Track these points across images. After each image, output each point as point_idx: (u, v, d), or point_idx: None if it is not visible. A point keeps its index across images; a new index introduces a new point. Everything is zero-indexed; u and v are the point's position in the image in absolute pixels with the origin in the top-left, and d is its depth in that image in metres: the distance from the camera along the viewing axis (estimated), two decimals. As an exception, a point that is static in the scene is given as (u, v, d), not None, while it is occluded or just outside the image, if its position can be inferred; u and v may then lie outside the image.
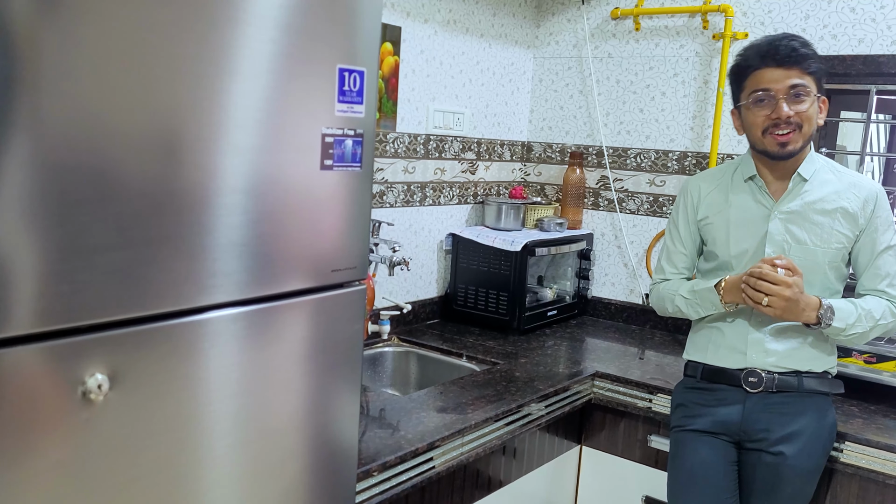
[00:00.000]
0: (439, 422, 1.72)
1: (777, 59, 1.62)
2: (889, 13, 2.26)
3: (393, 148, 2.41)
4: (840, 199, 1.70)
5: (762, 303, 1.62)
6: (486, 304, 2.59)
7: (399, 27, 2.35)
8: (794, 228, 1.70)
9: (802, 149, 1.68)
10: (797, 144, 1.65)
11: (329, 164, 1.17)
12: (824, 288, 1.71)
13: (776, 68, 1.63)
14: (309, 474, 1.25)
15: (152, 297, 0.97)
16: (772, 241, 1.71)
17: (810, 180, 1.71)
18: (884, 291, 1.72)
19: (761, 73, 1.64)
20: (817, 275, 1.70)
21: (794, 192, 1.72)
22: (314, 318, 1.21)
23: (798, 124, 1.64)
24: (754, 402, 1.71)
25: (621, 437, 2.21)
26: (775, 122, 1.64)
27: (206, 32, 0.98)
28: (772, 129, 1.65)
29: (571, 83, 2.92)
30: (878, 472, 1.78)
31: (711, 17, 2.57)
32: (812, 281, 1.70)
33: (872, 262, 1.72)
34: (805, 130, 1.65)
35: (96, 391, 0.91)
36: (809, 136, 1.67)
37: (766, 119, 1.65)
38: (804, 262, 1.69)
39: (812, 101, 1.64)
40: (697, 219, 1.83)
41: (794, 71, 1.62)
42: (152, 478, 1.01)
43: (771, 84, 1.63)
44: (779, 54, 1.62)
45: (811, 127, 1.66)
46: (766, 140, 1.67)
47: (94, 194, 0.89)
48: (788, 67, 1.62)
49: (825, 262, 1.70)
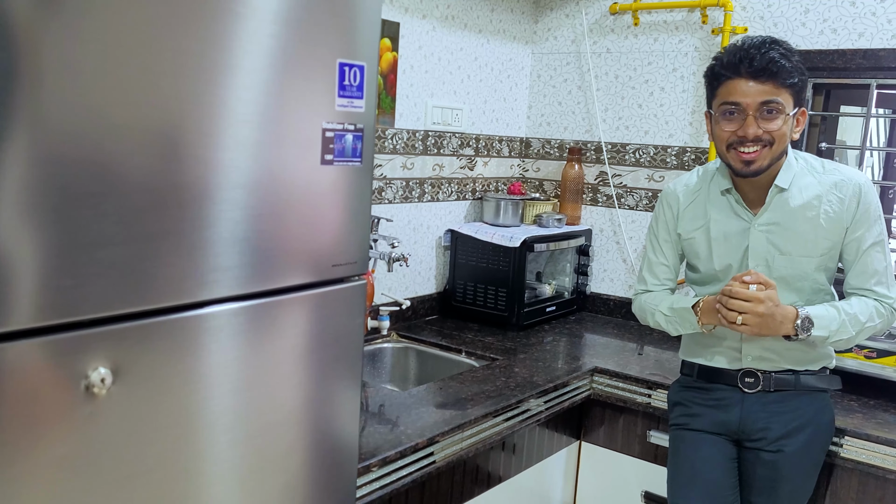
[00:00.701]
0: (439, 417, 1.72)
1: (750, 72, 1.51)
2: (889, 7, 2.26)
3: (391, 144, 2.40)
4: (822, 204, 1.62)
5: (737, 322, 1.56)
6: (485, 300, 2.59)
7: (397, 23, 2.34)
8: (776, 240, 1.64)
9: (770, 167, 1.59)
10: (763, 163, 1.57)
11: (329, 158, 1.17)
12: (814, 291, 1.68)
13: (749, 80, 1.51)
14: (310, 468, 1.25)
15: (154, 291, 0.97)
16: (754, 254, 1.66)
17: (789, 188, 1.63)
18: (871, 290, 1.66)
19: (733, 84, 1.54)
20: (806, 281, 1.66)
21: (774, 204, 1.64)
22: (315, 313, 1.21)
23: (769, 142, 1.55)
24: (752, 402, 1.70)
25: (620, 433, 2.22)
26: (741, 140, 1.55)
27: (207, 27, 0.98)
28: (737, 145, 1.56)
29: (570, 79, 2.92)
30: (878, 467, 1.78)
31: (710, 11, 2.57)
32: (801, 287, 1.67)
33: (859, 259, 1.65)
34: (774, 148, 1.56)
35: (99, 385, 0.91)
36: (780, 152, 1.58)
37: (731, 135, 1.56)
38: (791, 272, 1.65)
39: (785, 119, 1.54)
40: (678, 231, 1.78)
41: (767, 86, 1.51)
42: (155, 471, 1.01)
43: (741, 98, 1.53)
44: (752, 66, 1.50)
45: (782, 145, 1.57)
46: (729, 155, 1.59)
47: (96, 189, 0.89)
48: (762, 81, 1.51)
49: (812, 269, 1.65)
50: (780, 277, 1.65)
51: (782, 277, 1.65)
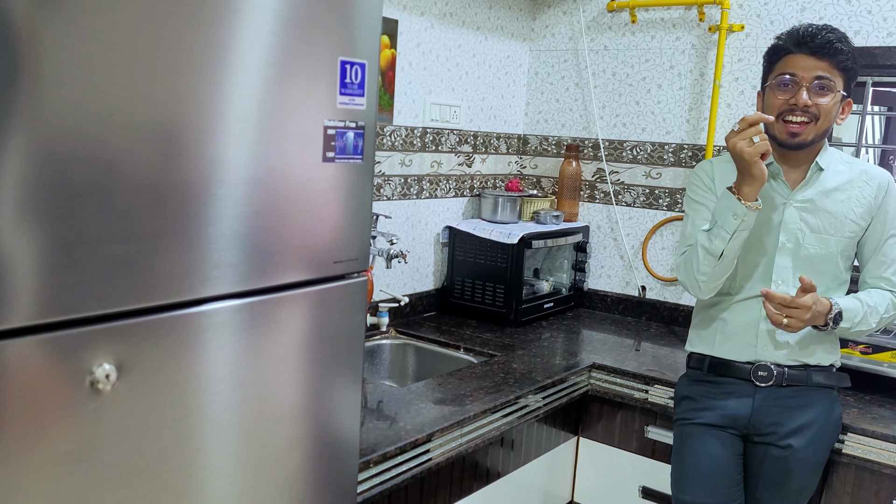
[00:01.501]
0: (438, 413, 1.73)
1: (811, 47, 1.60)
2: (885, 5, 2.27)
3: (390, 141, 2.41)
4: (853, 188, 1.70)
5: (782, 323, 1.62)
6: (483, 296, 2.60)
7: (395, 20, 2.35)
8: (808, 217, 1.70)
9: (814, 142, 1.66)
10: (808, 136, 1.64)
11: (331, 156, 1.18)
12: (834, 277, 1.72)
13: (808, 56, 1.61)
14: (312, 464, 1.25)
15: (157, 287, 0.98)
16: (786, 229, 1.71)
17: (826, 170, 1.71)
18: (888, 279, 1.73)
19: (793, 58, 1.63)
20: (830, 263, 1.71)
21: (811, 181, 1.71)
22: (316, 310, 1.21)
23: (815, 116, 1.62)
24: (764, 395, 1.72)
25: (618, 428, 2.23)
26: (791, 109, 1.62)
27: (209, 24, 0.98)
28: (787, 114, 1.63)
29: (567, 76, 2.92)
30: (874, 462, 1.79)
31: (707, 9, 2.58)
32: (824, 269, 1.71)
33: (879, 249, 1.72)
34: (820, 124, 1.63)
35: (104, 381, 0.91)
36: (824, 131, 1.65)
37: (784, 103, 1.63)
38: (818, 251, 1.70)
39: (835, 97, 1.62)
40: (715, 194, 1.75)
41: (824, 63, 1.60)
42: (158, 466, 1.02)
43: (798, 70, 1.62)
44: (814, 43, 1.60)
45: (827, 122, 1.64)
46: (777, 125, 1.65)
47: (98, 186, 0.89)
48: (820, 58, 1.60)
49: (838, 251, 1.70)
50: (806, 256, 1.70)
51: (809, 256, 1.70)
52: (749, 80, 2.52)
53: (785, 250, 1.71)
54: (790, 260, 1.71)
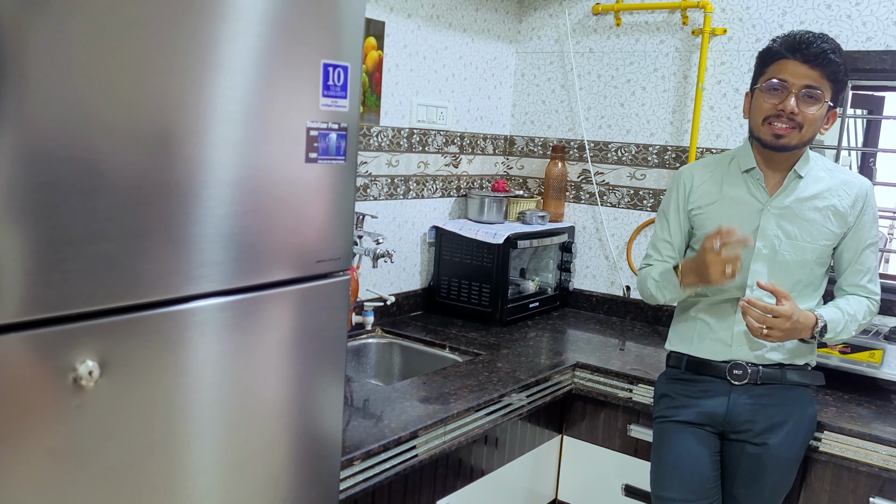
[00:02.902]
0: (422, 411, 1.74)
1: (805, 55, 1.61)
2: (864, 10, 2.31)
3: (377, 141, 2.43)
4: (832, 197, 1.72)
5: (761, 333, 1.65)
6: (469, 295, 2.62)
7: (382, 22, 2.37)
8: (785, 224, 1.72)
9: (797, 147, 1.68)
10: (791, 141, 1.66)
11: (314, 157, 1.19)
12: (809, 283, 1.75)
13: (801, 63, 1.62)
14: (294, 461, 1.27)
15: (141, 286, 0.99)
16: (763, 235, 1.73)
17: (805, 178, 1.72)
18: (863, 287, 1.76)
19: (785, 64, 1.64)
20: (805, 270, 1.73)
21: (789, 189, 1.73)
22: (299, 308, 1.23)
23: (799, 124, 1.63)
24: (739, 394, 1.75)
25: (601, 427, 2.25)
26: (778, 114, 1.64)
27: (193, 27, 1.00)
28: (773, 118, 1.65)
29: (553, 78, 2.95)
30: (852, 460, 1.82)
31: (691, 13, 2.61)
32: (800, 276, 1.73)
33: (857, 259, 1.75)
34: (804, 132, 1.65)
35: (87, 378, 0.93)
36: (808, 139, 1.67)
37: (771, 108, 1.65)
38: (793, 258, 1.72)
39: (821, 108, 1.64)
40: (689, 209, 1.84)
41: (815, 72, 1.61)
42: (142, 463, 1.03)
43: (789, 76, 1.63)
44: (809, 51, 1.61)
45: (812, 131, 1.66)
46: (763, 128, 1.68)
47: (83, 185, 0.91)
48: (812, 67, 1.61)
49: (813, 259, 1.73)
50: (782, 262, 1.73)
51: (784, 263, 1.73)
52: (731, 83, 2.55)
53: (761, 256, 1.73)
54: (766, 266, 1.73)
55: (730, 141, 2.55)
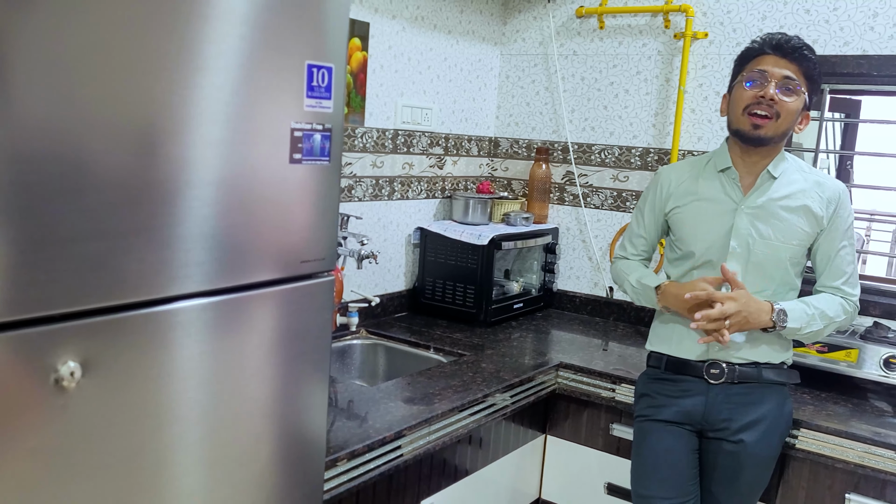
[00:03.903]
0: (406, 412, 1.75)
1: (783, 50, 1.70)
2: (841, 15, 2.35)
3: (361, 142, 2.43)
4: (805, 198, 1.75)
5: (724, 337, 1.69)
6: (454, 297, 2.63)
7: (367, 23, 2.37)
8: (758, 224, 1.75)
9: (772, 140, 1.73)
10: (768, 132, 1.70)
11: (298, 157, 1.20)
12: (783, 282, 1.77)
13: (780, 58, 1.70)
14: (278, 461, 1.28)
15: (125, 286, 0.99)
16: (737, 234, 1.76)
17: (778, 178, 1.76)
18: (839, 289, 1.79)
19: (765, 58, 1.72)
20: (779, 269, 1.76)
21: (763, 189, 1.77)
22: (283, 308, 1.24)
23: (777, 113, 1.69)
24: (716, 392, 1.77)
25: (584, 426, 2.27)
26: (758, 102, 1.69)
27: (177, 28, 1.00)
28: (753, 107, 1.70)
29: (537, 80, 2.97)
30: (828, 457, 1.85)
31: (673, 16, 2.64)
32: (773, 275, 1.76)
33: (832, 261, 1.78)
34: (780, 122, 1.70)
35: (69, 378, 0.93)
36: (783, 132, 1.72)
37: (752, 97, 1.70)
38: (767, 257, 1.75)
39: (798, 101, 1.70)
40: (665, 210, 1.88)
41: (793, 66, 1.69)
42: (125, 463, 1.03)
43: (769, 67, 1.70)
44: (787, 45, 1.70)
45: (787, 123, 1.71)
46: (742, 119, 1.72)
47: (67, 185, 0.91)
48: (790, 61, 1.70)
49: (786, 258, 1.76)
50: (756, 262, 1.76)
51: (758, 262, 1.76)
52: (712, 86, 2.58)
53: (735, 255, 1.76)
54: (740, 265, 1.76)
55: (711, 143, 2.58)
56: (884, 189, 2.56)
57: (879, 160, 2.72)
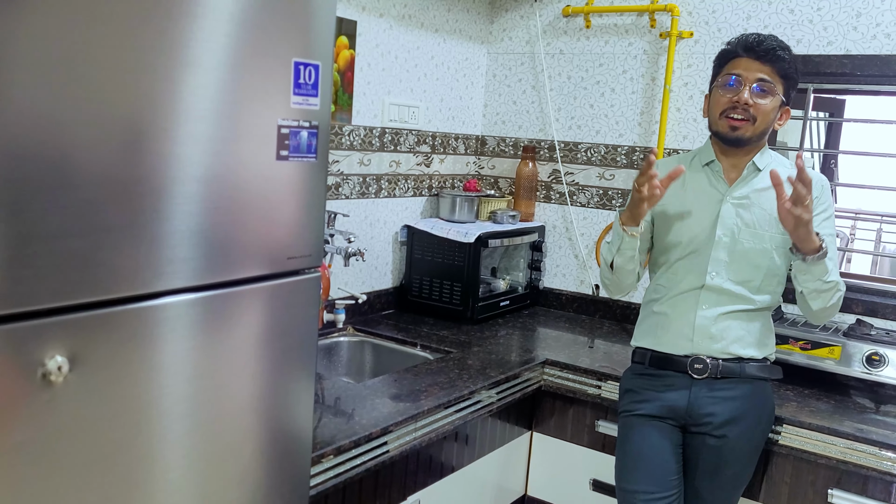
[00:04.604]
0: (393, 408, 1.76)
1: (756, 52, 1.72)
2: (825, 15, 2.37)
3: (349, 140, 2.43)
4: (787, 188, 1.77)
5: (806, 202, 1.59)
6: (441, 294, 2.63)
7: (354, 21, 2.37)
8: (744, 213, 1.79)
9: (751, 141, 1.76)
10: (746, 133, 1.74)
11: (285, 154, 1.21)
12: (769, 271, 1.79)
13: (753, 60, 1.73)
14: (265, 456, 1.28)
15: (111, 281, 1.00)
16: (723, 223, 1.79)
17: (763, 171, 1.80)
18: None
19: (739, 61, 1.75)
20: (765, 258, 1.78)
21: (747, 180, 1.81)
22: (270, 304, 1.24)
23: (753, 116, 1.72)
24: (699, 387, 1.79)
25: (570, 423, 2.28)
26: (734, 106, 1.73)
27: (163, 25, 1.00)
28: (729, 111, 1.74)
29: (524, 78, 2.98)
30: (811, 453, 1.87)
31: (658, 16, 2.66)
32: (759, 264, 1.78)
33: None
34: (758, 124, 1.74)
35: (56, 373, 0.93)
36: (762, 131, 1.76)
37: (728, 101, 1.74)
38: (753, 246, 1.78)
39: (774, 101, 1.73)
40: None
41: (767, 67, 1.72)
42: (112, 458, 1.03)
43: (743, 71, 1.73)
44: (760, 48, 1.72)
45: (765, 124, 1.75)
46: (720, 121, 1.77)
47: (53, 181, 0.91)
48: (763, 63, 1.72)
49: (772, 247, 1.78)
50: (742, 251, 1.79)
51: (745, 251, 1.78)
52: (697, 85, 2.60)
53: (721, 244, 1.79)
54: (726, 253, 1.79)
55: (696, 142, 2.60)
56: (868, 188, 2.59)
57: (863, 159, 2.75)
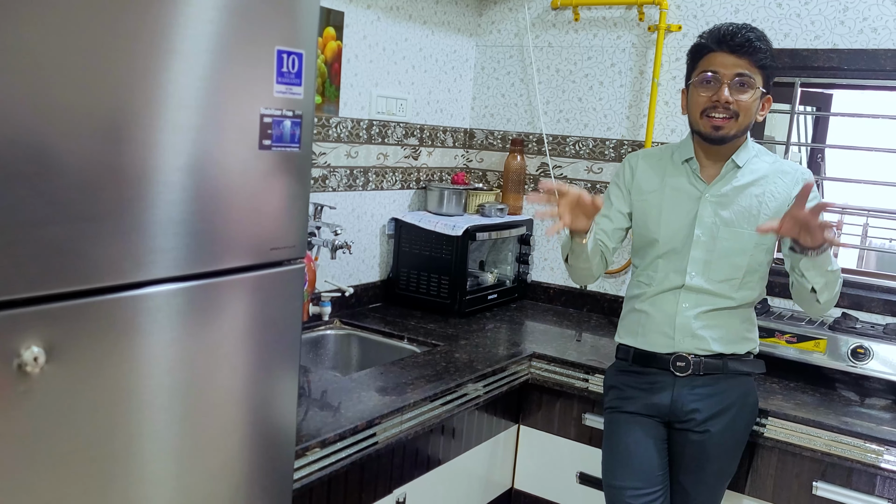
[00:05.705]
0: (379, 401, 1.75)
1: (731, 46, 1.66)
2: (812, 9, 2.37)
3: (336, 132, 2.42)
4: (768, 183, 1.76)
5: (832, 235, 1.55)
6: (428, 287, 2.63)
7: (342, 12, 2.36)
8: (722, 211, 1.77)
9: (735, 137, 1.73)
10: (730, 131, 1.71)
11: (268, 143, 1.19)
12: (750, 270, 1.78)
13: (729, 54, 1.67)
14: (248, 448, 1.27)
15: (91, 271, 0.98)
16: (701, 222, 1.78)
17: (743, 167, 1.77)
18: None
19: (714, 57, 1.69)
20: (745, 257, 1.77)
21: (727, 178, 1.78)
22: (253, 295, 1.23)
23: (735, 113, 1.68)
24: (682, 384, 1.79)
25: (557, 416, 2.28)
26: (714, 105, 1.69)
27: (145, 11, 0.99)
28: (710, 111, 1.70)
29: (513, 71, 2.97)
30: (796, 445, 1.88)
31: (647, 9, 2.65)
32: (739, 263, 1.77)
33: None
34: (741, 120, 1.70)
35: (32, 364, 0.92)
36: (745, 126, 1.73)
37: (707, 100, 1.70)
38: (733, 244, 1.76)
39: (754, 94, 1.69)
40: (631, 190, 1.89)
41: (744, 60, 1.67)
42: (92, 450, 1.02)
43: (719, 68, 1.68)
44: (734, 41, 1.66)
45: (748, 118, 1.71)
46: (702, 121, 1.73)
47: (32, 169, 0.89)
48: (740, 56, 1.66)
49: (752, 245, 1.76)
50: (721, 249, 1.77)
51: (724, 249, 1.77)
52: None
53: (700, 243, 1.78)
54: (705, 253, 1.78)
55: (684, 135, 2.56)
56: (855, 182, 2.60)
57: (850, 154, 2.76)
